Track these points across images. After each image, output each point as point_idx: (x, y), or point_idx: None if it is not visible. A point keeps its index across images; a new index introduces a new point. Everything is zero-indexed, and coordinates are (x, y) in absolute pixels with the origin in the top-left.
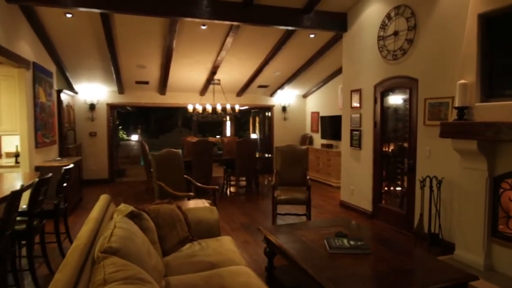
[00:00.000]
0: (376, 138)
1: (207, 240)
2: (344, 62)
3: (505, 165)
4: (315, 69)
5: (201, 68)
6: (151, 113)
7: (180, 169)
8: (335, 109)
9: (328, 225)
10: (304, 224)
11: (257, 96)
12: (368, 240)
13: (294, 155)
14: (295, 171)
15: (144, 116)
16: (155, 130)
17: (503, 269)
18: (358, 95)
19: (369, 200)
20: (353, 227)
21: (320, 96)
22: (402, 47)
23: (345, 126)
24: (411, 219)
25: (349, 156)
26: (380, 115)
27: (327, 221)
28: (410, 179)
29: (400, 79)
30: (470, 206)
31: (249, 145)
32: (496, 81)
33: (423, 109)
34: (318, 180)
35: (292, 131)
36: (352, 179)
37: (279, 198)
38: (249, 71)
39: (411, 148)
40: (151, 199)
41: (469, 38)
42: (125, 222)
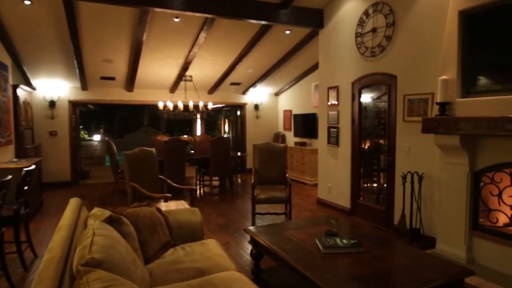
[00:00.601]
0: (354, 135)
1: (191, 244)
2: (321, 59)
3: (485, 160)
4: (289, 67)
5: (173, 63)
6: (115, 112)
7: (154, 169)
8: (308, 107)
9: (314, 223)
10: (289, 224)
11: (229, 93)
12: (359, 238)
13: (273, 153)
14: (274, 170)
15: (107, 115)
16: (120, 129)
17: (483, 261)
18: (335, 92)
19: (347, 197)
20: (341, 225)
21: (292, 94)
22: (380, 44)
23: (322, 123)
24: (391, 215)
25: (327, 153)
26: (358, 112)
27: (312, 220)
28: (390, 175)
29: (378, 75)
30: (451, 201)
31: (223, 144)
32: (477, 77)
33: (402, 105)
34: (293, 178)
35: (264, 129)
36: (330, 177)
37: (258, 197)
38: (222, 67)
39: (390, 144)
40: (119, 202)
41: (450, 34)
42: (105, 228)
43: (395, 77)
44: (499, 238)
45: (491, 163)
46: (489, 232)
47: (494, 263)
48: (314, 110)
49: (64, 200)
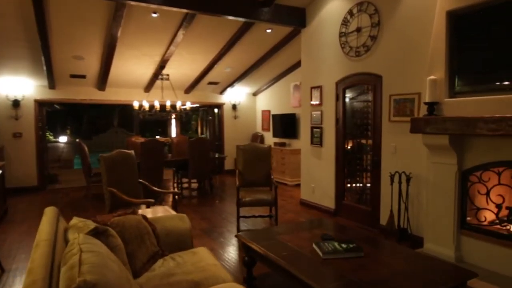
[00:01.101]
0: (339, 135)
1: (181, 254)
2: (303, 58)
3: (473, 159)
4: (268, 66)
5: (149, 61)
6: (82, 112)
7: (133, 173)
8: (287, 107)
9: (307, 227)
10: (281, 228)
11: (207, 93)
12: (356, 242)
13: (257, 154)
14: (258, 171)
15: (74, 115)
16: (88, 130)
17: (471, 259)
18: (318, 92)
19: (332, 198)
20: (334, 227)
21: (271, 94)
22: (365, 43)
23: (304, 123)
24: (377, 215)
25: (310, 154)
26: (343, 112)
27: (304, 223)
28: (375, 176)
29: (363, 75)
30: (439, 200)
31: (203, 145)
32: (465, 77)
33: (388, 105)
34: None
35: (242, 129)
36: (313, 177)
37: (244, 200)
38: (200, 66)
39: (376, 144)
40: (94, 208)
41: (438, 35)
42: (92, 243)
43: (380, 77)
44: (486, 237)
45: (478, 163)
46: (477, 230)
47: (482, 261)
48: (293, 110)
49: (31, 206)
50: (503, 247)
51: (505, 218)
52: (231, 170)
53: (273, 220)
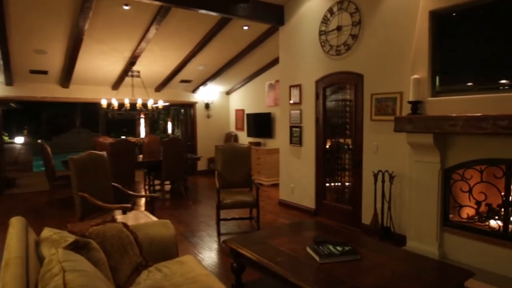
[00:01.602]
0: (319, 134)
1: (167, 264)
2: (282, 57)
3: (455, 157)
4: (243, 65)
5: (118, 57)
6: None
7: (106, 176)
8: (262, 106)
9: (296, 229)
10: (270, 232)
11: (178, 91)
12: (350, 244)
13: (236, 154)
14: (238, 172)
15: (32, 114)
16: (47, 130)
17: (454, 256)
18: (298, 90)
19: (312, 197)
20: (323, 229)
21: (245, 93)
22: (346, 42)
23: (283, 122)
24: (358, 214)
25: (289, 153)
26: (323, 111)
27: (292, 225)
28: (357, 175)
29: (344, 74)
30: (423, 198)
31: (177, 145)
32: (447, 76)
33: (369, 104)
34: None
35: (216, 129)
36: (293, 177)
37: (224, 202)
38: (173, 63)
39: (357, 143)
40: (60, 215)
41: (421, 34)
42: (75, 259)
43: (361, 76)
44: (468, 233)
45: (461, 161)
46: (459, 227)
47: (465, 257)
48: (268, 109)
49: None
50: (484, 243)
51: (485, 215)
52: (204, 171)
53: (254, 222)
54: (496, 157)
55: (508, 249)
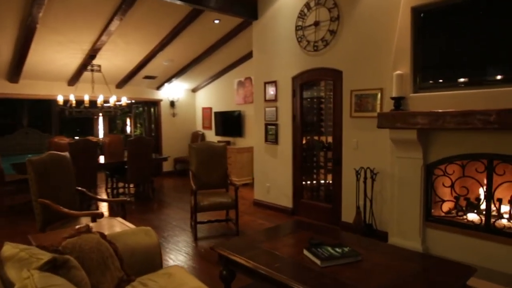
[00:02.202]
0: (296, 131)
1: (152, 277)
2: (256, 53)
3: (437, 153)
4: (211, 61)
5: (76, 49)
6: None
7: (70, 179)
8: (231, 104)
9: (285, 231)
10: (258, 235)
11: (141, 88)
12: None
13: (212, 154)
14: (214, 172)
15: None
16: None
17: (436, 250)
18: (273, 87)
19: (289, 197)
20: (313, 229)
21: (212, 91)
22: (324, 38)
23: (257, 120)
24: (338, 212)
25: (264, 152)
26: (300, 108)
27: (280, 227)
28: (336, 172)
29: (322, 71)
30: (405, 194)
31: (144, 145)
32: (429, 72)
33: (349, 101)
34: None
35: (182, 128)
36: (268, 176)
37: (201, 204)
38: (137, 58)
39: (336, 140)
40: (12, 224)
41: (402, 30)
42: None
43: (340, 72)
44: (450, 227)
45: (442, 156)
46: (441, 222)
47: (447, 251)
48: (238, 107)
49: None
50: (467, 237)
51: (463, 208)
52: (170, 172)
53: (231, 224)
54: (478, 151)
55: (490, 242)
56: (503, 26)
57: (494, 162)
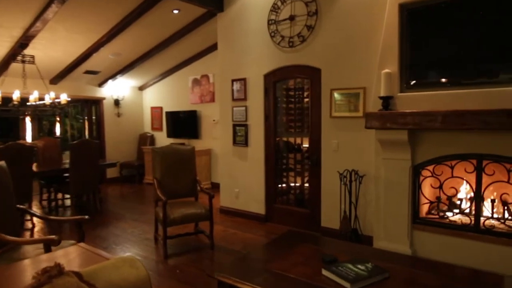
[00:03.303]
0: (269, 133)
1: None
2: (221, 47)
3: (424, 154)
4: (163, 56)
5: (3, 36)
6: None
7: (8, 195)
8: (185, 103)
9: (285, 246)
10: (257, 253)
11: (81, 85)
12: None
13: (179, 158)
14: (182, 179)
15: None
16: None
17: (424, 253)
18: (242, 85)
19: (261, 202)
20: (315, 242)
21: (163, 89)
22: (300, 33)
23: (224, 121)
24: (317, 217)
25: (232, 155)
26: (273, 107)
27: (276, 242)
28: (315, 175)
29: (298, 68)
30: (392, 197)
31: (89, 150)
32: (418, 71)
33: (329, 100)
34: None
35: (127, 129)
36: (237, 181)
37: (172, 217)
38: (79, 49)
39: (314, 142)
40: None
41: (389, 27)
42: None
43: (318, 70)
44: (438, 229)
45: (430, 157)
46: (429, 223)
47: (435, 253)
48: (193, 107)
49: None
50: (455, 238)
51: (444, 209)
52: (115, 178)
53: (203, 237)
54: (467, 152)
55: (479, 242)
56: (493, 24)
57: (483, 162)
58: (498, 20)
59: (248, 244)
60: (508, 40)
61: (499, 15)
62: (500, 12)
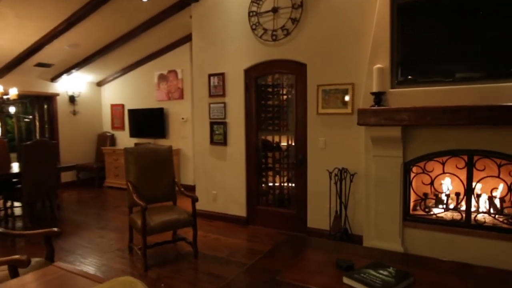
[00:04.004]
0: (250, 131)
1: None
2: (196, 40)
3: (415, 150)
4: (126, 49)
5: None
6: None
7: None
8: (150, 100)
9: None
10: (263, 262)
11: (31, 79)
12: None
13: (155, 159)
14: (160, 182)
15: None
16: None
17: (415, 250)
18: (220, 80)
19: (242, 204)
20: (323, 246)
21: (124, 85)
22: (284, 26)
23: (199, 118)
24: (303, 218)
25: (209, 155)
26: (255, 104)
27: (279, 249)
28: (301, 174)
29: (282, 63)
30: (384, 195)
31: (46, 151)
32: (409, 67)
33: (315, 96)
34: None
35: (85, 129)
36: (215, 182)
37: (153, 224)
38: (32, 37)
39: (300, 139)
40: None
41: (381, 22)
42: None
43: (304, 65)
44: (428, 225)
45: (421, 153)
46: (420, 220)
47: (425, 250)
48: (159, 104)
49: None
50: (444, 233)
51: (430, 205)
52: (71, 182)
53: (184, 244)
54: (458, 147)
55: (471, 237)
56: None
57: (474, 157)
58: (488, 16)
59: (234, 250)
60: (498, 36)
61: (491, 10)
62: (491, 7)
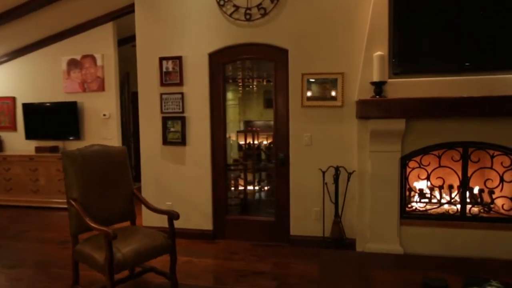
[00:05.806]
0: (217, 127)
1: None
2: (141, 13)
3: (411, 144)
4: (23, 25)
5: None
6: None
7: None
8: (57, 92)
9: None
10: None
11: None
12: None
13: (107, 165)
14: (115, 196)
15: None
16: None
17: (411, 249)
18: (176, 66)
19: (208, 215)
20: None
21: (15, 73)
22: (261, 5)
23: (147, 112)
24: (285, 226)
25: (161, 158)
26: (222, 94)
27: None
28: (282, 176)
29: (258, 47)
30: (381, 193)
31: None
32: (410, 56)
33: (300, 87)
34: (37, 205)
35: None
36: (170, 192)
37: (123, 257)
38: None
39: (280, 136)
40: None
41: (377, 7)
42: None
43: (285, 51)
44: (424, 221)
45: (418, 147)
46: (416, 217)
47: (421, 247)
48: (70, 97)
49: None
50: (441, 228)
51: (414, 200)
52: None
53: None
54: (453, 140)
55: (467, 230)
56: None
57: (469, 150)
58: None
59: (217, 274)
60: (500, 28)
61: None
62: None
